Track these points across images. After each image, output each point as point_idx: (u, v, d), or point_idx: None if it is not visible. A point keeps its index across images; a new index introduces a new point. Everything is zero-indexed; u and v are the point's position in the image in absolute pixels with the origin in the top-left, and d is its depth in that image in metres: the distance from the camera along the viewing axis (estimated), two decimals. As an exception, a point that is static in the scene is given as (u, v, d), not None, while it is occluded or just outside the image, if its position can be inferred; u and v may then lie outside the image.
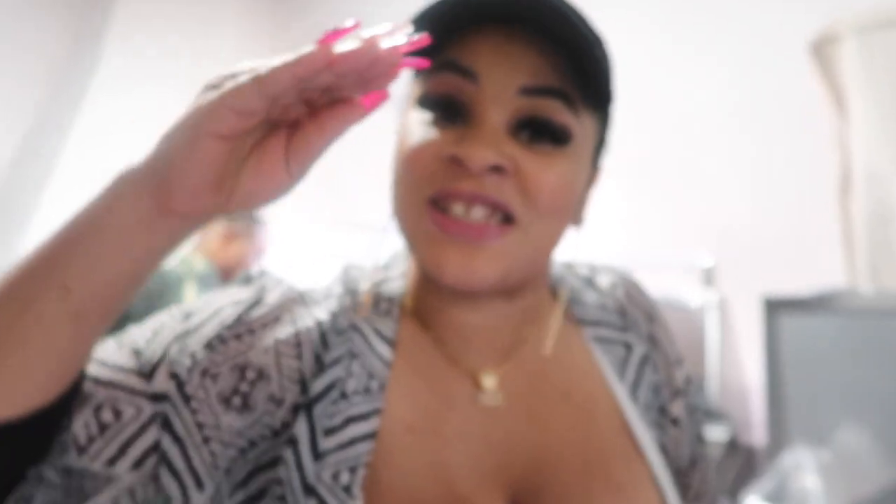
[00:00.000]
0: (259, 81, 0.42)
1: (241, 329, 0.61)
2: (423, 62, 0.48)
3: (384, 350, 0.63)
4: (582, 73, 0.57)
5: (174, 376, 0.57)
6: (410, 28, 0.46)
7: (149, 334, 0.60)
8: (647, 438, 0.67)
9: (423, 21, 0.54)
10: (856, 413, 1.83)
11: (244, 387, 0.58)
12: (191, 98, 0.46)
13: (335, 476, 0.56)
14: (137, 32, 3.33)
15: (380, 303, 0.67)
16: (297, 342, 0.62)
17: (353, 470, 0.56)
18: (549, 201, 0.58)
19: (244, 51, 3.58)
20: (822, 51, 2.07)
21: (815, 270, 2.12)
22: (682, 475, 0.74)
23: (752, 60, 2.36)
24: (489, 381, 0.64)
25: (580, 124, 0.59)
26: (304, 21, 3.76)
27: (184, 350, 0.58)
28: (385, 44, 0.43)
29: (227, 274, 2.36)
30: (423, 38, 0.46)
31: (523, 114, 0.58)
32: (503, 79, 0.57)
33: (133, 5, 3.36)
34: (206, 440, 0.56)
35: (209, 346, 0.59)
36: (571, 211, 0.62)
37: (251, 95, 0.43)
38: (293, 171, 0.48)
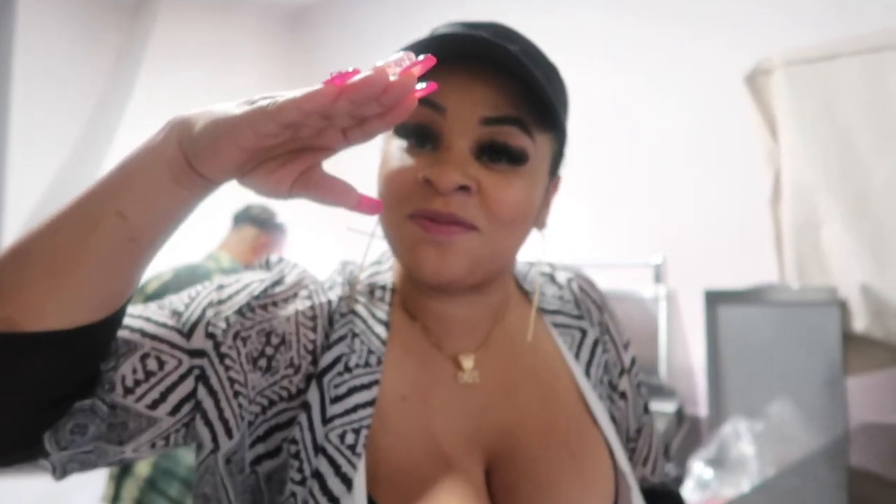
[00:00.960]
0: (274, 109, 0.42)
1: (267, 300, 0.62)
2: (432, 85, 0.45)
3: (381, 330, 0.64)
4: (536, 102, 0.58)
5: (211, 336, 0.57)
6: (412, 55, 0.43)
7: (186, 300, 0.60)
8: (600, 410, 0.68)
9: None
10: (784, 389, 1.85)
11: (269, 350, 0.59)
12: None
13: (342, 437, 0.57)
14: (168, 62, 3.37)
15: (374, 291, 0.68)
16: (313, 315, 0.62)
17: (356, 432, 0.57)
18: (508, 215, 0.59)
19: (258, 75, 3.62)
20: (756, 82, 2.09)
21: (751, 268, 2.14)
22: (630, 441, 0.75)
23: (697, 91, 2.39)
24: (468, 363, 0.65)
25: (535, 145, 0.60)
26: (314, 55, 3.76)
27: (219, 314, 0.58)
28: (392, 71, 0.42)
29: None
30: (428, 59, 0.43)
31: (484, 139, 0.58)
32: (467, 111, 0.57)
33: (164, 39, 3.40)
34: (235, 394, 0.56)
35: (240, 312, 0.59)
36: (530, 220, 0.63)
37: (266, 120, 0.42)
38: (292, 193, 0.47)
